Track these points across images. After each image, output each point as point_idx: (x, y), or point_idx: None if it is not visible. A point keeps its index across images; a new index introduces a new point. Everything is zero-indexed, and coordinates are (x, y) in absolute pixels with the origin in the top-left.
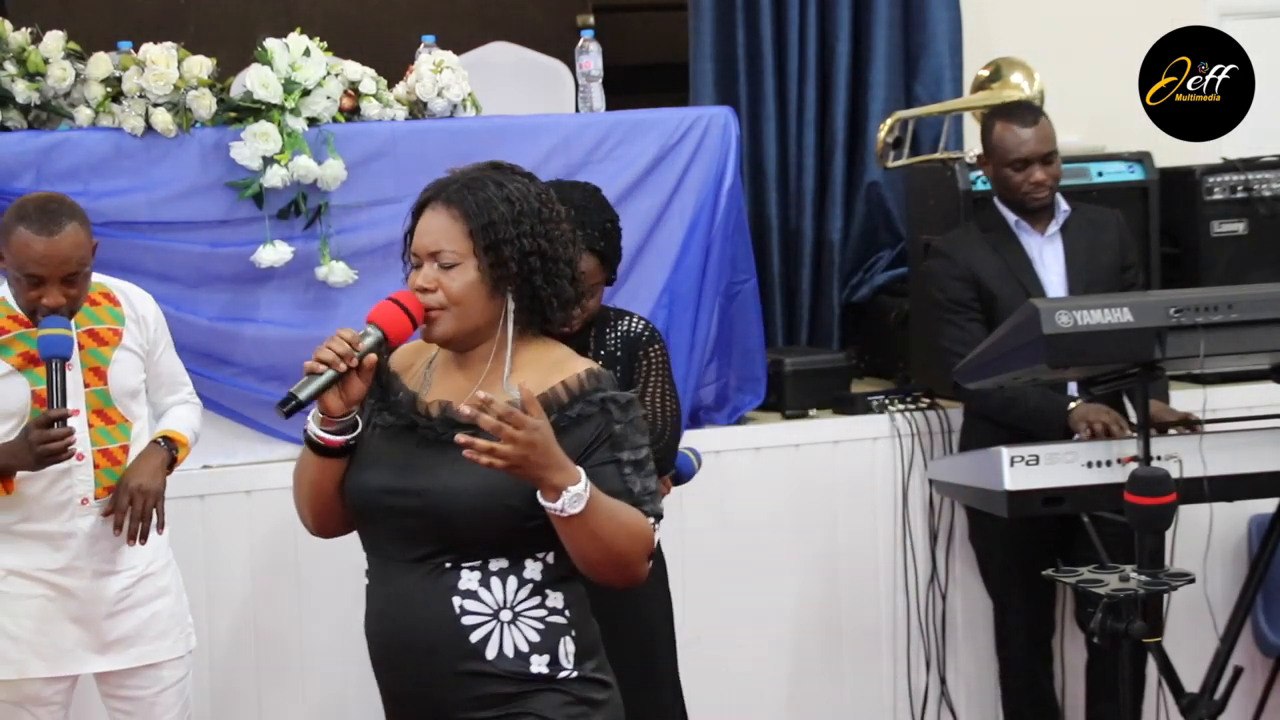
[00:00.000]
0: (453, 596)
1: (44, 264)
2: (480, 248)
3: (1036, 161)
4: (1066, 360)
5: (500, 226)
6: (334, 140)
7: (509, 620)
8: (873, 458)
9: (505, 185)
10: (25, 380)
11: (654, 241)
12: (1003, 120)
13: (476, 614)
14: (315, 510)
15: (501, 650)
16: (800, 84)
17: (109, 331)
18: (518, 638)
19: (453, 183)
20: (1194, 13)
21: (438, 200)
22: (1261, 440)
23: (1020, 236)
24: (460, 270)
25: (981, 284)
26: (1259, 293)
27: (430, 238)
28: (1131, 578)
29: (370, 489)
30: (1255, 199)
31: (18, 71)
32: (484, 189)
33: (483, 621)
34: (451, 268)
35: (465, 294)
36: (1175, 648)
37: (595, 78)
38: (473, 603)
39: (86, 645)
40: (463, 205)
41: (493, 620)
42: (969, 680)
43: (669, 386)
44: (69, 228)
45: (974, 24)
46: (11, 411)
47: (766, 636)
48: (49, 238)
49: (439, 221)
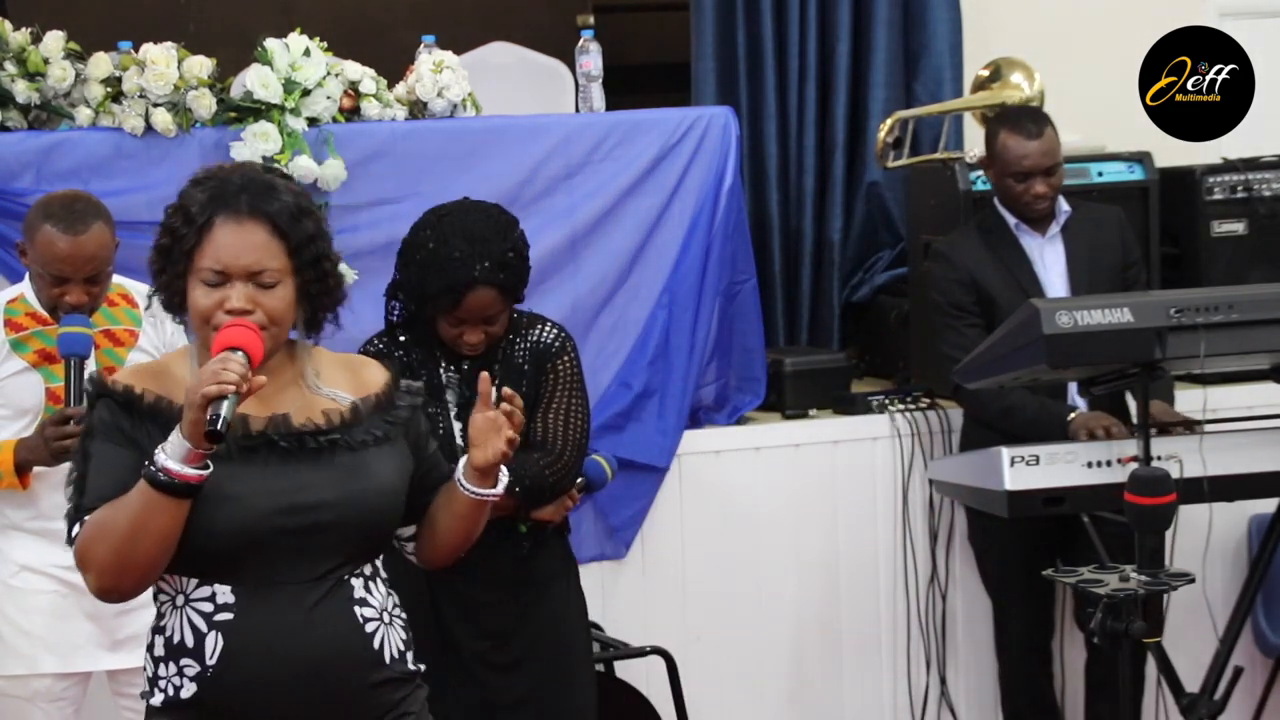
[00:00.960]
0: (354, 607)
1: (68, 263)
2: (298, 265)
3: (1039, 174)
4: (1067, 360)
5: (314, 243)
6: (334, 140)
7: (388, 622)
8: (873, 458)
9: (293, 189)
10: (40, 377)
11: (654, 241)
12: (1007, 129)
13: (372, 620)
14: (156, 564)
15: (391, 652)
16: (800, 84)
17: (125, 333)
18: (395, 638)
19: (243, 190)
20: (1194, 13)
21: (240, 213)
22: (1261, 440)
23: (1020, 238)
24: (281, 289)
25: (981, 287)
26: (1259, 293)
27: (250, 256)
28: (1131, 578)
29: (258, 514)
30: (1255, 199)
31: (18, 71)
32: (280, 196)
33: (377, 627)
34: (272, 287)
35: (284, 313)
36: (1175, 648)
37: (595, 78)
38: (368, 609)
39: (97, 642)
40: (274, 219)
41: (379, 624)
42: (969, 680)
43: (576, 401)
44: (95, 227)
45: (974, 24)
46: (26, 408)
47: (766, 636)
48: (74, 237)
49: (254, 237)
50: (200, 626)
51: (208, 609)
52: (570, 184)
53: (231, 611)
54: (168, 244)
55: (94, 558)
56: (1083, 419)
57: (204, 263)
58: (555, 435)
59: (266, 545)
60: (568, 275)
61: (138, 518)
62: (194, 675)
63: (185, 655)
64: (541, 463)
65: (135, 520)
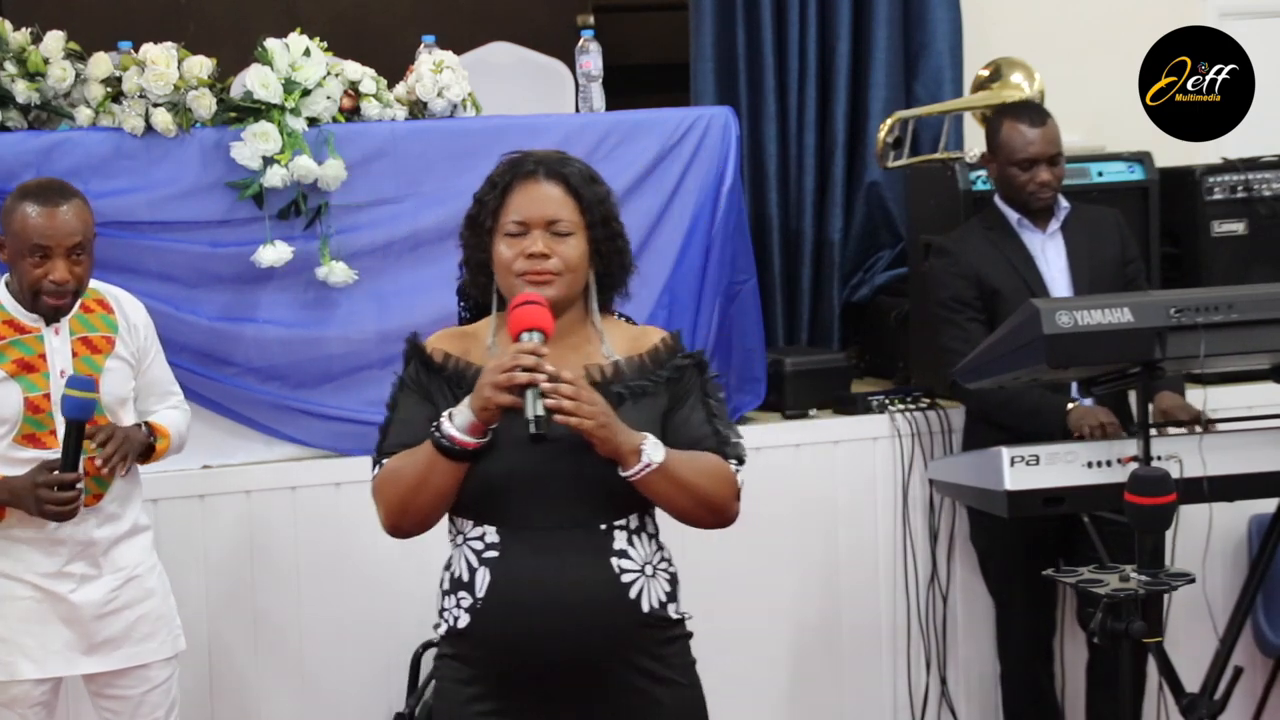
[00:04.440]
0: (611, 558)
1: (48, 234)
2: (590, 221)
3: (1043, 162)
4: (1067, 360)
5: (604, 204)
6: (334, 140)
7: (650, 574)
8: (873, 458)
9: (589, 167)
10: (19, 386)
11: (654, 241)
12: (1010, 119)
13: (631, 571)
14: (434, 513)
15: (651, 602)
16: (800, 84)
17: (102, 339)
18: (658, 589)
19: (540, 163)
20: (1194, 13)
21: (539, 174)
22: (1261, 440)
23: (1022, 234)
24: (575, 240)
25: (984, 281)
26: (1259, 293)
27: (549, 206)
28: (1131, 578)
29: (514, 461)
30: (1255, 199)
31: (18, 71)
32: (572, 164)
33: (636, 578)
34: (567, 236)
35: (578, 262)
36: (1175, 648)
37: (595, 78)
38: (627, 561)
39: (74, 647)
40: (568, 180)
41: (639, 575)
42: (969, 680)
43: None
44: (73, 201)
45: (974, 24)
46: (3, 418)
47: (766, 636)
48: (53, 208)
49: (551, 192)
50: (473, 563)
51: (479, 547)
52: None
53: (497, 550)
54: (475, 211)
55: (383, 499)
56: (1080, 413)
57: (507, 218)
58: None
59: (520, 490)
60: None
61: (421, 473)
62: (468, 607)
63: (462, 589)
64: None
65: (419, 474)
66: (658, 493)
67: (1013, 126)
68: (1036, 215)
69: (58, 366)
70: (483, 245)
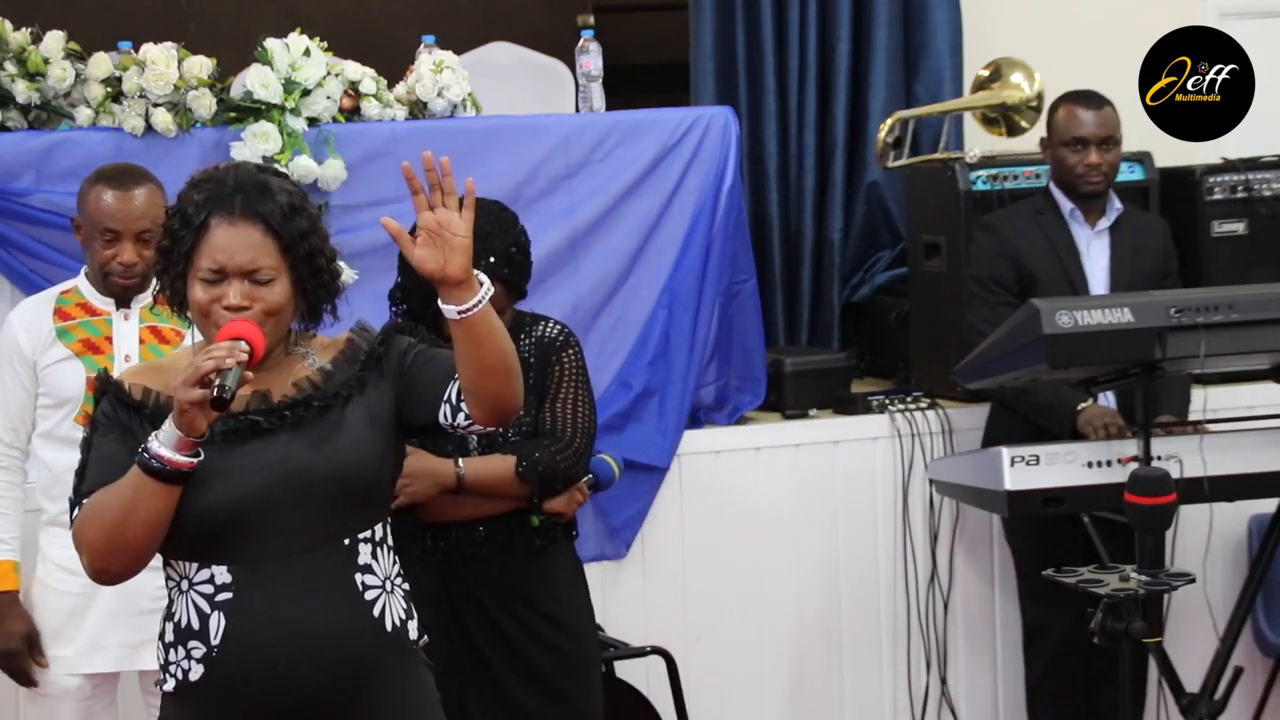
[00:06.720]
0: (355, 574)
1: (118, 217)
2: (292, 262)
3: (1094, 144)
4: (1067, 360)
5: (307, 240)
6: (334, 140)
7: (390, 590)
8: (873, 458)
9: (286, 188)
10: (82, 366)
11: (654, 241)
12: (1068, 102)
13: (374, 588)
14: (146, 547)
15: (392, 620)
16: (800, 84)
17: (172, 332)
18: (397, 606)
19: (237, 191)
20: (1194, 13)
21: (235, 212)
22: (1261, 440)
23: (1072, 226)
24: (277, 284)
25: (1024, 265)
26: (1259, 293)
27: (248, 254)
28: (1131, 578)
29: (246, 489)
30: (1255, 199)
31: (18, 71)
32: (274, 196)
33: (378, 595)
34: (268, 282)
35: (281, 304)
36: (1175, 648)
37: (595, 78)
38: (371, 577)
39: (124, 642)
40: (267, 219)
41: (381, 591)
42: (969, 680)
43: (583, 393)
44: (146, 185)
45: (974, 24)
46: (66, 396)
47: (767, 636)
48: (124, 191)
49: (249, 236)
50: (204, 608)
51: (208, 590)
52: (570, 184)
53: (230, 591)
54: (168, 245)
55: (87, 539)
56: (1091, 413)
57: (202, 262)
58: (565, 423)
59: (258, 520)
60: (568, 275)
61: (129, 501)
62: (200, 657)
63: (192, 638)
64: (553, 449)
65: (126, 504)
66: (482, 335)
67: (1068, 108)
68: (1088, 208)
69: (123, 351)
70: (177, 285)
